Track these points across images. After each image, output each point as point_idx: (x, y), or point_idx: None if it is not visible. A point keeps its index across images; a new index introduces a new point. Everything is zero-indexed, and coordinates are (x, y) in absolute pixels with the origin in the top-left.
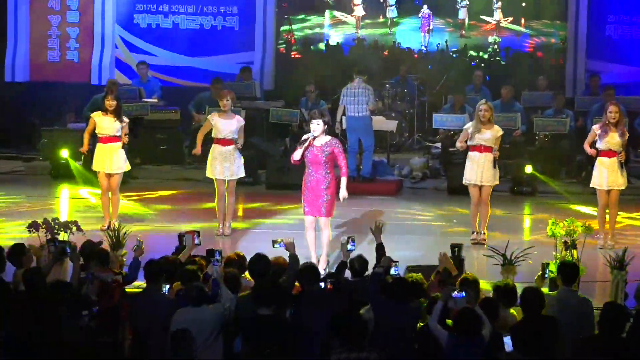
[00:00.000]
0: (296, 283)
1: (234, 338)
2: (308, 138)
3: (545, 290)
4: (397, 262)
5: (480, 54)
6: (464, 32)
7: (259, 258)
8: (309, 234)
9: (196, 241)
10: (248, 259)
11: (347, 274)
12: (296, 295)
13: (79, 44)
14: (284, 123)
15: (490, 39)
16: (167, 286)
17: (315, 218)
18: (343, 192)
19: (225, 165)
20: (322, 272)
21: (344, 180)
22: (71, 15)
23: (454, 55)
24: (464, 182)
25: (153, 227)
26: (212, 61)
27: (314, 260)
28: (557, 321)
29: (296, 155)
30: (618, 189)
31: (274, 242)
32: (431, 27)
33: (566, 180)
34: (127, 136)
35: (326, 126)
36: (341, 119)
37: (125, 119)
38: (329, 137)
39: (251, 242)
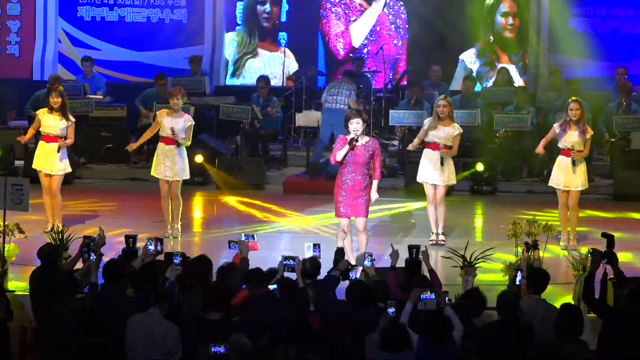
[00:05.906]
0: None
1: None
2: (354, 138)
3: None
4: (372, 256)
5: None
6: None
7: (201, 260)
8: (347, 237)
9: (159, 248)
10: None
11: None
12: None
13: (20, 38)
14: (235, 120)
15: None
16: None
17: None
18: (375, 195)
19: (166, 164)
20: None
21: (375, 183)
22: (12, 7)
23: None
24: (418, 179)
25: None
26: (159, 56)
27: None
28: (533, 328)
29: (339, 156)
30: (576, 189)
31: (230, 242)
32: None
33: (528, 178)
34: (65, 139)
35: (364, 124)
36: None
37: (72, 119)
38: (368, 137)
39: (207, 244)
